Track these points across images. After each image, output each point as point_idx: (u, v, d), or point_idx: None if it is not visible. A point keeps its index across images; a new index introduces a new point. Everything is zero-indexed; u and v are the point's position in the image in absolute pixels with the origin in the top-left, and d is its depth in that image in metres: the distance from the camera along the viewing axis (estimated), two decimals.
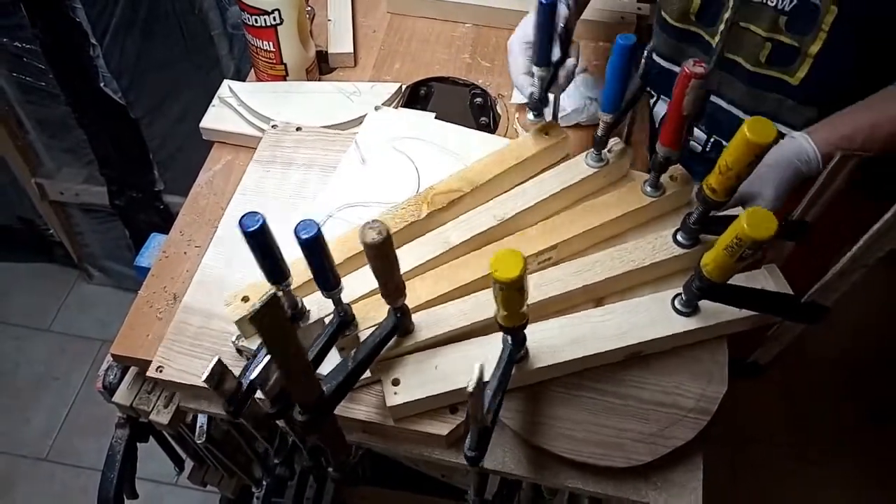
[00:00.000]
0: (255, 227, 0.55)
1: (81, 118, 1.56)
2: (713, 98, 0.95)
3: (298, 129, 0.95)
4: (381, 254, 0.57)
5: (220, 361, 0.54)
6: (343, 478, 0.71)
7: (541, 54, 0.77)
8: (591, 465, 0.69)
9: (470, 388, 0.51)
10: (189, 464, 1.06)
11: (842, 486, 1.77)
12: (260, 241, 0.56)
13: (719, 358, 0.73)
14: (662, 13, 0.94)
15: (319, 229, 0.56)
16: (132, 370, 0.84)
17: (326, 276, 0.60)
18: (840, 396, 1.89)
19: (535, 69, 0.79)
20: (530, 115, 0.84)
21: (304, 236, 0.55)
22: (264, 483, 1.14)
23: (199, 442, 0.84)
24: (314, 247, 0.57)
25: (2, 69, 1.50)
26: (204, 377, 0.53)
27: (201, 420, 0.84)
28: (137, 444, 0.90)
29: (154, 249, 0.94)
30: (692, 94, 0.64)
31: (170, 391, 0.80)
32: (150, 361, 0.78)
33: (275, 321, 0.46)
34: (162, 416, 0.82)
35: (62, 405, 1.88)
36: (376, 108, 0.96)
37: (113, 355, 0.81)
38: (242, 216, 0.55)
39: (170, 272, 0.86)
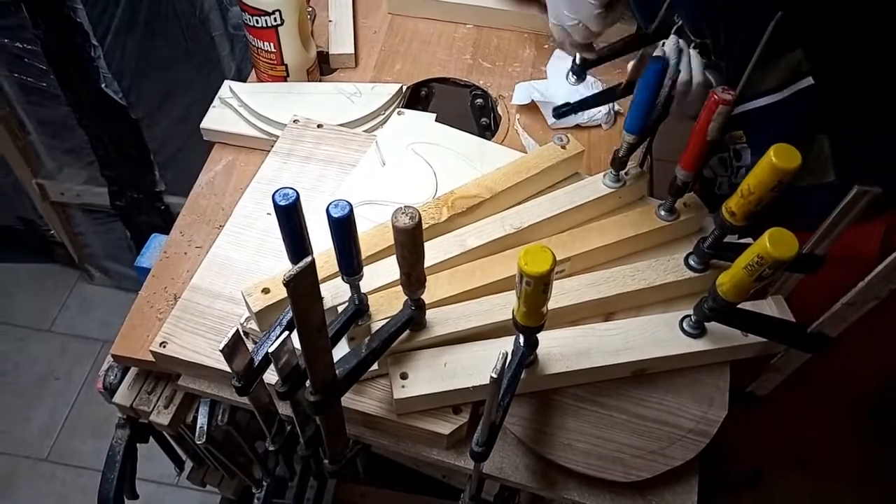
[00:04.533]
0: (288, 202, 0.55)
1: (82, 119, 1.57)
2: None
3: (320, 125, 0.96)
4: (411, 239, 0.57)
5: (238, 333, 0.55)
6: (338, 470, 0.71)
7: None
8: (590, 477, 0.69)
9: (494, 374, 0.51)
10: (189, 464, 1.06)
11: (840, 487, 1.76)
12: (291, 216, 0.57)
13: (721, 383, 0.74)
14: None
15: (352, 208, 0.56)
16: (132, 371, 0.84)
17: (351, 259, 0.61)
18: (840, 396, 1.89)
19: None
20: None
21: (336, 214, 0.55)
22: (265, 484, 1.14)
23: (199, 443, 0.84)
24: (344, 226, 0.57)
25: (3, 70, 1.50)
26: (220, 346, 0.54)
27: (201, 421, 0.84)
28: (137, 444, 0.90)
29: (154, 250, 0.94)
30: (718, 120, 0.65)
31: (172, 369, 0.79)
32: (150, 362, 0.78)
33: (308, 288, 0.47)
34: (162, 417, 0.82)
35: (63, 406, 1.88)
36: (399, 113, 0.97)
37: (113, 356, 0.81)
38: (276, 191, 0.55)
39: (170, 273, 0.86)
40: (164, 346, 0.75)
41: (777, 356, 0.73)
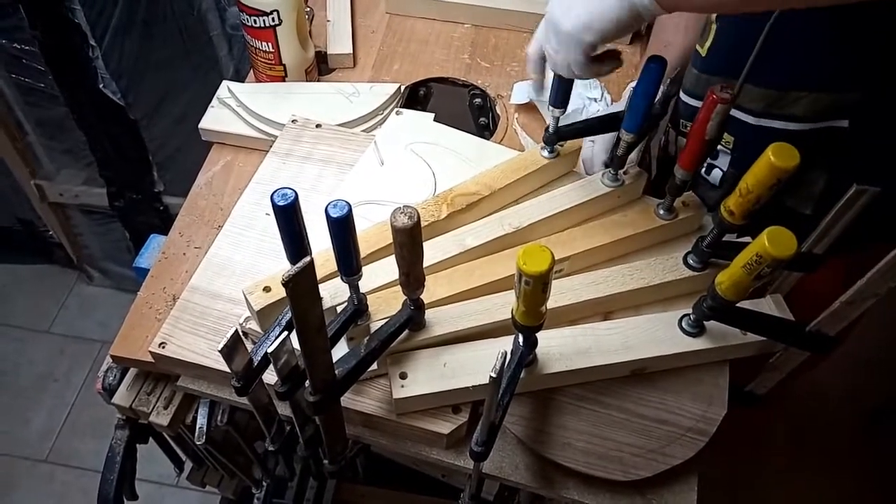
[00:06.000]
0: (287, 202, 0.55)
1: (81, 119, 1.56)
2: None
3: (318, 125, 0.97)
4: (409, 239, 0.57)
5: (237, 333, 0.55)
6: (337, 471, 0.71)
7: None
8: (589, 476, 0.69)
9: (493, 374, 0.51)
10: (188, 465, 1.06)
11: (839, 488, 1.77)
12: (289, 216, 0.57)
13: (720, 382, 0.74)
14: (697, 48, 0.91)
15: (350, 208, 0.56)
16: (132, 371, 0.84)
17: (350, 259, 0.61)
18: (838, 397, 1.89)
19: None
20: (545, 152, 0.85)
21: (334, 215, 0.55)
22: (264, 484, 1.14)
23: (198, 443, 0.84)
24: (343, 226, 0.57)
25: (1, 70, 1.50)
26: (219, 347, 0.54)
27: (201, 421, 0.84)
28: (137, 445, 0.90)
29: (153, 251, 0.94)
30: (717, 119, 0.65)
31: (171, 370, 0.79)
32: (150, 363, 0.78)
33: (307, 288, 0.47)
34: (161, 418, 0.82)
35: (62, 406, 1.88)
36: (397, 113, 0.97)
37: (112, 357, 0.81)
38: (274, 191, 0.56)
39: (169, 273, 0.86)
40: (163, 347, 0.75)
41: (776, 355, 0.73)
